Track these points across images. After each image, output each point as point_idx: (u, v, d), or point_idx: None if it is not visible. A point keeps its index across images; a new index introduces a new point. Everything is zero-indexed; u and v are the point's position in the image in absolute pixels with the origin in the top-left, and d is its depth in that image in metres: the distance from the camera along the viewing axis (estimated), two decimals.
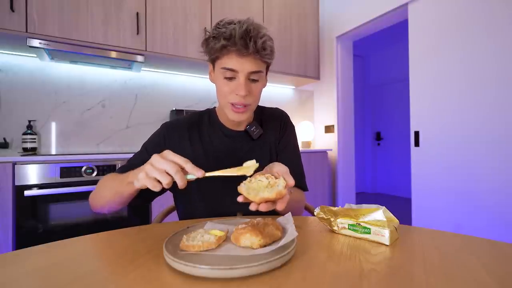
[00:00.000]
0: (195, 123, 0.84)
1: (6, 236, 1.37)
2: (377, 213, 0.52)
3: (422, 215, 2.04)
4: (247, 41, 0.66)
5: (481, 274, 0.39)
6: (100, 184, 0.72)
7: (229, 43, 0.67)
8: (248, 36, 0.67)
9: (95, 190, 0.73)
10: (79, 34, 1.71)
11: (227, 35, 0.67)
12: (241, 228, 0.48)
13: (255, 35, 0.68)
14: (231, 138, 0.84)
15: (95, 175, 1.57)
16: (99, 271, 0.41)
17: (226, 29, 0.68)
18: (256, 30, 0.69)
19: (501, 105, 1.63)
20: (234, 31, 0.67)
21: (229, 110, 0.75)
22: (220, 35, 0.68)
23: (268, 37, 0.71)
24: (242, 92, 0.70)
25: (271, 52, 0.73)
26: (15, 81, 1.81)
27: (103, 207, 0.70)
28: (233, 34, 0.67)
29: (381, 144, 4.79)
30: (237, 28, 0.67)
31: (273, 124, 0.89)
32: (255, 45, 0.67)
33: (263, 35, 0.70)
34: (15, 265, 0.43)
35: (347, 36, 2.74)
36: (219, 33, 0.69)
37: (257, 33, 0.68)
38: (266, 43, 0.70)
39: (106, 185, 0.69)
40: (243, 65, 0.69)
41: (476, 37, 1.74)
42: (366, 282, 0.36)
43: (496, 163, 1.64)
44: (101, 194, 0.70)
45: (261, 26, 0.71)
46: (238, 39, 0.66)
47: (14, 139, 1.79)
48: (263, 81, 0.77)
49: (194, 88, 2.44)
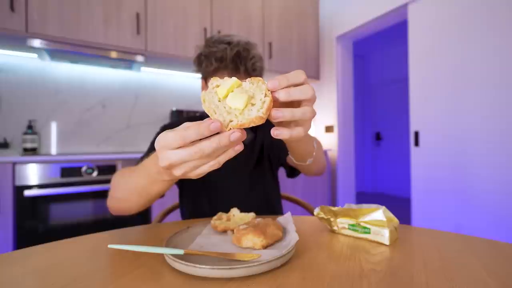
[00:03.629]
0: None
1: (6, 236, 1.37)
2: (377, 213, 0.52)
3: (422, 215, 2.04)
4: (237, 64, 0.71)
5: (481, 274, 0.39)
6: (116, 183, 0.60)
7: (221, 66, 0.71)
8: (238, 59, 0.71)
9: (112, 190, 0.61)
10: (79, 34, 1.71)
11: (219, 57, 0.71)
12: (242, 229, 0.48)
13: (245, 58, 0.72)
14: None
15: (96, 175, 1.57)
16: (99, 271, 0.41)
17: (217, 49, 0.71)
18: (246, 52, 0.72)
19: (501, 105, 1.63)
20: (225, 54, 0.70)
21: None
22: (211, 56, 0.72)
23: (257, 58, 0.75)
24: None
25: (260, 71, 0.77)
26: (15, 81, 1.81)
27: (131, 209, 0.60)
28: (224, 57, 0.71)
29: (381, 144, 4.79)
30: (228, 51, 0.71)
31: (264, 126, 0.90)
32: (245, 67, 0.72)
33: (252, 56, 0.74)
34: (15, 265, 0.43)
35: (347, 36, 2.74)
36: (210, 52, 0.72)
37: (247, 55, 0.72)
38: (256, 65, 0.74)
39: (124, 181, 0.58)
40: None
41: (476, 37, 1.74)
42: (366, 282, 0.36)
43: (496, 163, 1.64)
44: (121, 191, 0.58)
45: (251, 46, 0.74)
46: (229, 63, 0.70)
47: (14, 139, 1.79)
48: None
49: (194, 88, 2.44)
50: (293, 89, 0.36)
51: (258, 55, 0.76)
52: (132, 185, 0.54)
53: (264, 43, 2.43)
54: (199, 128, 0.33)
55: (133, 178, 0.54)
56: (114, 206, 0.61)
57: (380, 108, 4.79)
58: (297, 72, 0.37)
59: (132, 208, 0.58)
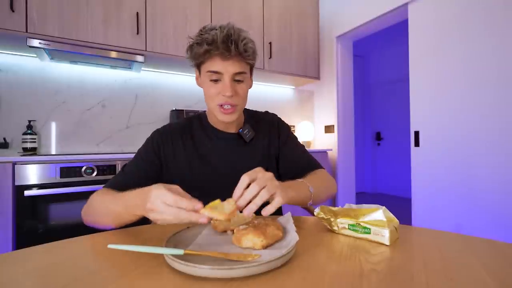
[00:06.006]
0: (187, 128, 0.86)
1: (6, 236, 1.37)
2: (377, 213, 0.52)
3: (422, 215, 2.04)
4: (228, 44, 0.70)
5: (481, 274, 0.39)
6: (95, 202, 0.68)
7: (212, 47, 0.70)
8: (229, 39, 0.70)
9: (90, 207, 0.69)
10: (79, 34, 1.71)
11: (210, 40, 0.70)
12: (242, 230, 0.48)
13: (236, 39, 0.71)
14: (223, 140, 0.85)
15: (95, 175, 1.57)
16: (99, 271, 0.41)
17: (208, 34, 0.71)
18: (237, 33, 0.72)
19: (501, 105, 1.63)
20: (216, 36, 0.70)
21: (218, 112, 0.77)
22: (203, 41, 0.71)
23: (249, 39, 0.74)
24: (228, 93, 0.73)
25: (253, 54, 0.76)
26: (15, 81, 1.81)
27: (97, 224, 0.67)
28: (215, 39, 0.70)
29: (381, 144, 4.79)
30: (218, 33, 0.70)
31: (265, 128, 0.91)
32: (237, 47, 0.71)
33: (244, 37, 0.73)
34: (15, 265, 0.43)
35: (347, 36, 2.74)
36: (202, 39, 0.72)
37: (238, 36, 0.72)
38: (248, 45, 0.73)
39: (104, 206, 0.65)
40: (227, 68, 0.72)
41: (476, 37, 1.74)
42: (366, 282, 0.36)
43: (496, 163, 1.64)
44: (97, 212, 0.66)
45: (242, 30, 0.75)
46: (220, 43, 0.69)
47: (14, 139, 1.79)
48: (248, 82, 0.80)
49: (194, 88, 2.44)
50: (251, 205, 0.49)
51: (250, 38, 0.75)
52: (109, 210, 0.62)
53: (264, 43, 2.43)
54: (190, 214, 0.46)
55: (111, 205, 0.61)
56: (88, 219, 0.69)
57: (380, 108, 4.79)
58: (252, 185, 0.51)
59: (104, 226, 0.66)
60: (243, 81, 0.77)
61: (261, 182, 0.51)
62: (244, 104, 0.81)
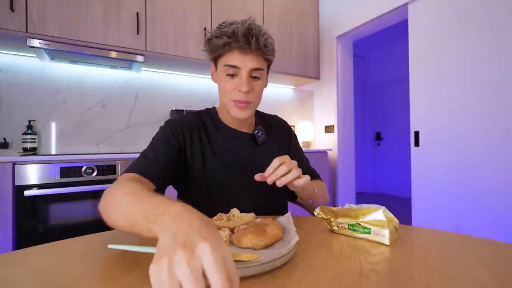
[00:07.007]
0: (199, 123, 0.83)
1: (6, 236, 1.37)
2: (377, 213, 0.52)
3: (422, 215, 2.04)
4: (249, 38, 0.69)
5: (481, 274, 0.39)
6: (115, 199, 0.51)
7: (232, 40, 0.69)
8: (250, 33, 0.69)
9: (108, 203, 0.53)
10: (79, 34, 1.71)
11: (230, 33, 0.69)
12: (242, 230, 0.48)
13: (257, 33, 0.70)
14: (236, 140, 0.84)
15: (95, 175, 1.57)
16: (99, 272, 0.41)
17: (229, 28, 0.70)
18: (257, 28, 0.71)
19: (501, 105, 1.63)
20: (237, 29, 0.69)
21: (232, 107, 0.75)
22: (222, 34, 0.70)
23: (269, 35, 0.74)
24: (244, 88, 0.71)
25: (272, 50, 0.75)
26: (15, 81, 1.81)
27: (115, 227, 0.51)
28: (236, 32, 0.69)
29: (381, 144, 4.79)
30: (239, 27, 0.69)
31: (276, 131, 0.92)
32: (257, 42, 0.70)
33: (264, 33, 0.72)
34: (15, 265, 0.43)
35: (347, 36, 2.74)
36: (222, 32, 0.71)
37: (259, 31, 0.71)
38: (268, 41, 0.72)
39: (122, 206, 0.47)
40: (245, 62, 0.71)
41: (476, 37, 1.74)
42: (366, 282, 0.36)
43: (496, 163, 1.64)
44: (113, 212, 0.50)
45: (262, 26, 0.74)
46: (240, 36, 0.68)
47: (14, 139, 1.79)
48: (264, 79, 0.78)
49: (194, 88, 2.44)
50: (283, 178, 0.60)
51: (269, 35, 0.74)
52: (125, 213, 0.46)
53: None
54: None
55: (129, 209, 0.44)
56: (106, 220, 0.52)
57: (380, 108, 4.79)
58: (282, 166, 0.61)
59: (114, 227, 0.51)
60: (260, 78, 0.75)
61: (290, 165, 0.61)
62: (258, 103, 0.79)
